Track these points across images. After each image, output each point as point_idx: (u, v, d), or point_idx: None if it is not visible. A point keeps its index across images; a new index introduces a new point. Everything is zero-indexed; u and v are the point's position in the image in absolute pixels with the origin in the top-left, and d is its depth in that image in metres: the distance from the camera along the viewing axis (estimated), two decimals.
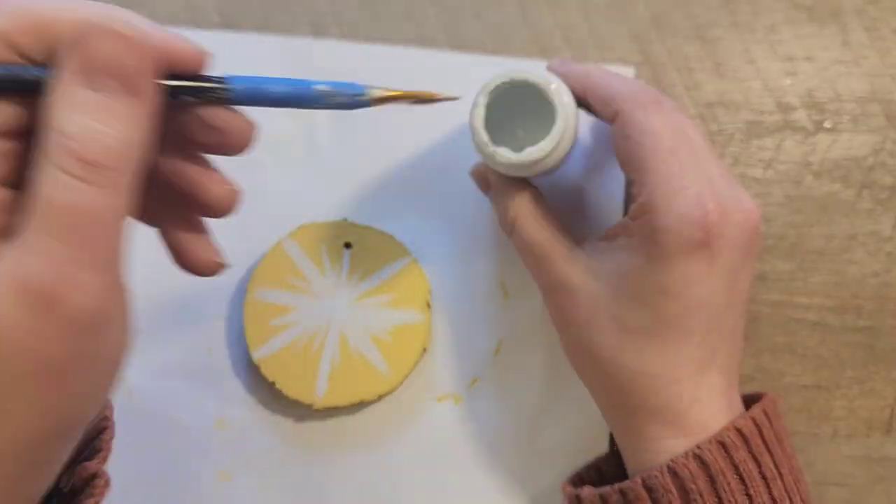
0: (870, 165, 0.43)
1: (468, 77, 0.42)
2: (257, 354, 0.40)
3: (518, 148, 0.33)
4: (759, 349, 0.42)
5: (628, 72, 0.43)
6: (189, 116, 0.26)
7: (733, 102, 0.43)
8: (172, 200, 0.28)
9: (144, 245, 0.42)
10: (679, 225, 0.31)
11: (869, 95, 0.43)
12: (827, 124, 0.43)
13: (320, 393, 0.40)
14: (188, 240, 0.29)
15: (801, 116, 0.43)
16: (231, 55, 0.43)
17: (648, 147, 0.33)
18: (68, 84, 0.23)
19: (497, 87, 0.33)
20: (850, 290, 0.42)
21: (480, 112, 0.33)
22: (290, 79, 0.27)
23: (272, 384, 0.40)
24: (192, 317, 0.42)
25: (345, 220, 0.41)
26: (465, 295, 0.42)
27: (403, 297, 0.40)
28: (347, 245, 0.41)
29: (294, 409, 0.41)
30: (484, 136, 0.32)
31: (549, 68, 0.37)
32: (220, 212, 0.29)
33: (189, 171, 0.28)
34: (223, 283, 0.42)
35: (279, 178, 0.42)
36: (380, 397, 0.40)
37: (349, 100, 0.28)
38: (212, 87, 0.26)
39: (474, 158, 0.43)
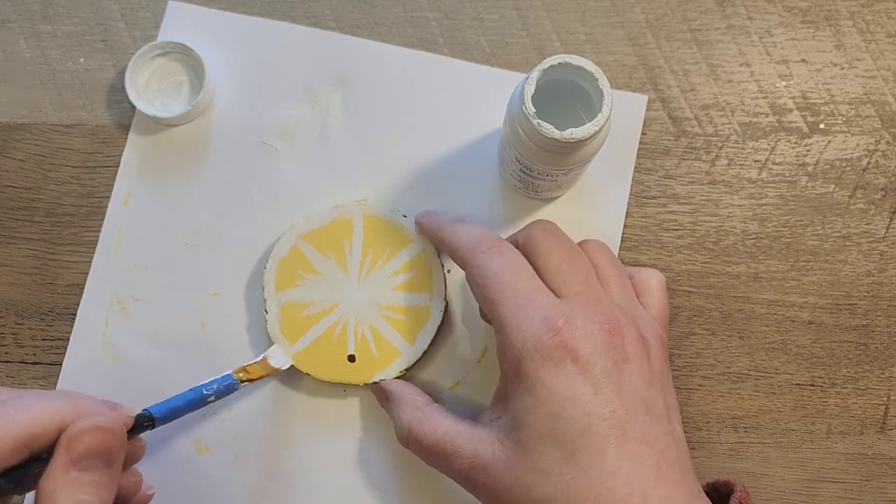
0: (863, 166, 0.43)
1: (467, 86, 0.44)
2: (294, 349, 0.41)
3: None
4: (754, 348, 0.42)
5: (641, 100, 0.44)
6: None
7: (728, 104, 0.44)
8: None
9: (144, 222, 0.43)
10: (536, 350, 0.32)
11: (863, 97, 0.44)
12: (821, 126, 0.44)
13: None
14: None
15: (795, 118, 0.44)
16: (242, 41, 0.44)
17: (491, 287, 0.34)
18: (61, 470, 0.29)
19: (551, 67, 0.34)
20: (844, 290, 0.43)
21: (532, 86, 0.34)
22: (188, 392, 0.37)
23: (307, 375, 0.41)
24: (188, 290, 0.43)
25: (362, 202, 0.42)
26: (457, 302, 0.43)
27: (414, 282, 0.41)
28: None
29: (291, 384, 0.42)
30: (532, 108, 0.34)
31: (416, 221, 0.41)
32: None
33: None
34: (222, 260, 0.43)
35: (290, 165, 0.43)
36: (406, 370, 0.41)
37: (227, 389, 0.39)
38: (143, 425, 0.35)
39: (483, 158, 0.43)
